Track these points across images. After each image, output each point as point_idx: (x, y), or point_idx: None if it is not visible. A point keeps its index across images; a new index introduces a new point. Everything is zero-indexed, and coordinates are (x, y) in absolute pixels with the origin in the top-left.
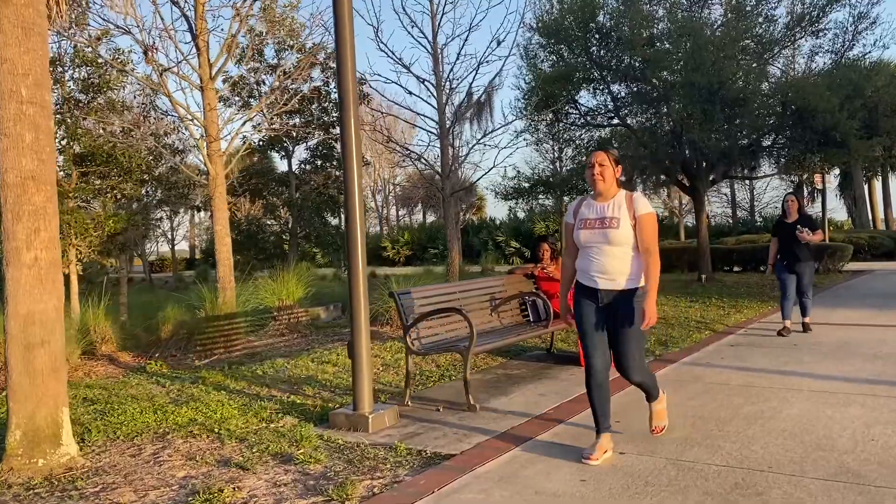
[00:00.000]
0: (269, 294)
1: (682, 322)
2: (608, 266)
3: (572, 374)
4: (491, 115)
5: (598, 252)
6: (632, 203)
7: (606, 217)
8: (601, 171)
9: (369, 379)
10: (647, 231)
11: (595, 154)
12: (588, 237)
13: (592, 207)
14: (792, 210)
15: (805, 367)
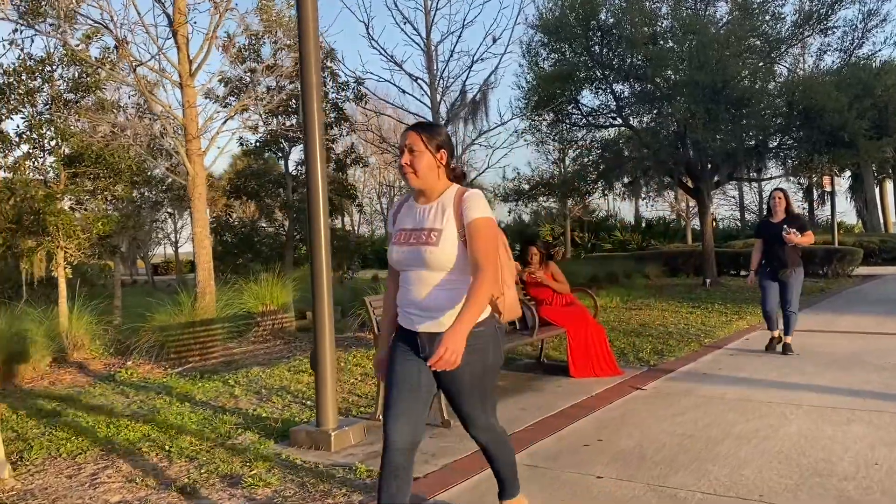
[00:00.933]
0: (253, 298)
1: (681, 329)
2: (427, 299)
3: (559, 385)
4: (486, 115)
5: (415, 279)
6: (461, 205)
7: (424, 228)
8: (412, 160)
9: (333, 392)
10: (478, 242)
11: (405, 134)
12: (401, 257)
13: (412, 212)
14: (778, 208)
15: (807, 379)
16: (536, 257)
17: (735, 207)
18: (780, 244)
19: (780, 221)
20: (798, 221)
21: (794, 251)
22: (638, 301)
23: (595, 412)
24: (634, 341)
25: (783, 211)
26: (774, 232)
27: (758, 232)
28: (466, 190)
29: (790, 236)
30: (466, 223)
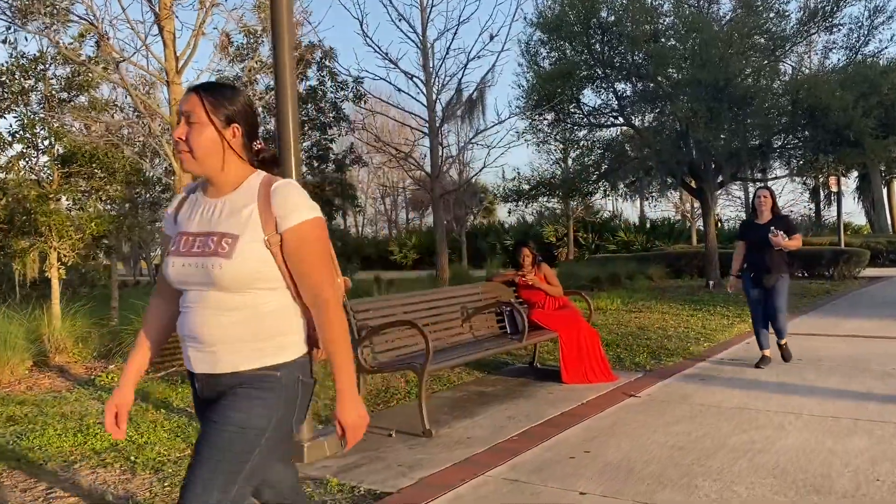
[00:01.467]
0: None
1: (681, 333)
2: (213, 330)
3: (550, 391)
4: (483, 113)
5: (198, 302)
6: (269, 201)
7: (213, 233)
8: (188, 134)
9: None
10: (309, 255)
11: (185, 97)
12: (180, 272)
13: (198, 210)
14: (764, 208)
15: (808, 386)
16: (528, 259)
17: (740, 208)
18: (766, 247)
19: (766, 223)
20: (785, 223)
21: (781, 255)
22: (639, 303)
23: (585, 421)
24: (632, 345)
25: (769, 211)
26: (759, 234)
27: (741, 233)
28: (275, 180)
29: (777, 239)
30: (285, 228)
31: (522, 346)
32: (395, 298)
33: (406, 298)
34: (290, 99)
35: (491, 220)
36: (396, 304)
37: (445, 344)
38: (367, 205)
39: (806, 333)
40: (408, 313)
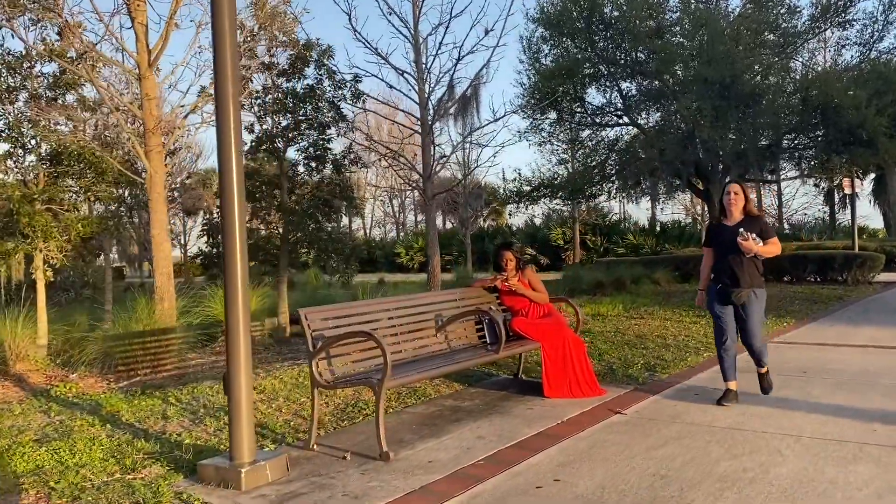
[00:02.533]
0: (219, 305)
1: (681, 341)
2: None
3: (530, 407)
4: (477, 111)
5: None
6: None
7: None
8: None
9: (249, 420)
10: None
11: None
12: None
13: None
14: (733, 207)
15: (811, 403)
16: (511, 263)
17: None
18: (735, 254)
19: (736, 224)
20: (758, 224)
21: (753, 264)
22: (641, 309)
23: (561, 442)
24: (627, 354)
25: (740, 211)
26: (727, 238)
27: (707, 238)
28: None
29: (748, 243)
30: None
31: (498, 358)
32: (357, 305)
33: (371, 305)
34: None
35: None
36: (360, 312)
37: (413, 356)
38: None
39: (814, 343)
40: (372, 322)
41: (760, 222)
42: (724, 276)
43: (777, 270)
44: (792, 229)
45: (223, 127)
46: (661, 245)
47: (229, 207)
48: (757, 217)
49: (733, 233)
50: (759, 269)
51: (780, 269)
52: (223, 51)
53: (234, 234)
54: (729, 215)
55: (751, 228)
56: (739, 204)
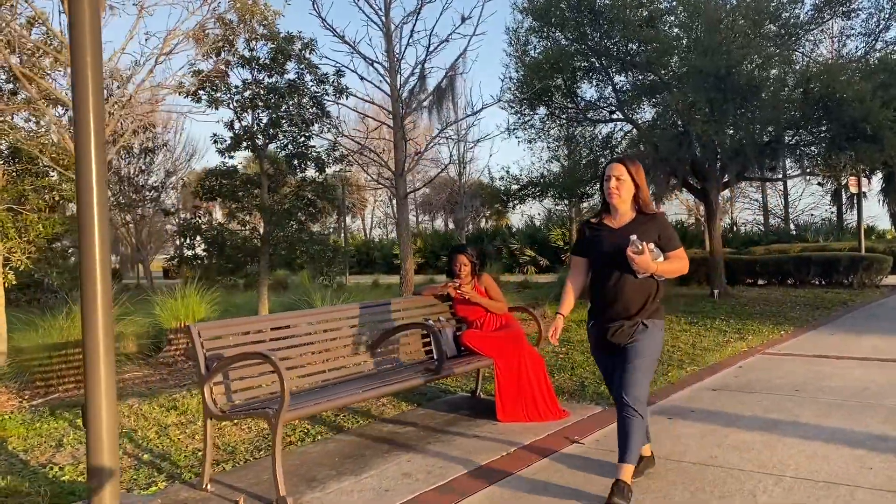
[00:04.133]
0: (167, 313)
1: (666, 352)
2: None
3: (479, 433)
4: (454, 104)
5: None
6: None
7: None
8: None
9: (113, 460)
10: None
11: None
12: None
13: None
14: (616, 198)
15: (800, 431)
16: (466, 268)
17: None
18: (621, 272)
19: (624, 227)
20: (657, 228)
21: (645, 287)
22: None
23: (497, 483)
24: None
25: (628, 206)
26: (609, 247)
27: (577, 243)
28: None
29: (643, 258)
30: None
31: (438, 378)
32: (272, 319)
33: (290, 318)
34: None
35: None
36: (275, 327)
37: (341, 376)
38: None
39: (811, 355)
40: (291, 338)
41: (659, 224)
42: (604, 302)
43: (780, 273)
44: (798, 230)
45: (79, 97)
46: None
47: (86, 210)
48: (654, 217)
49: (620, 240)
50: (654, 293)
51: (783, 272)
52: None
53: (94, 245)
54: (613, 211)
55: (646, 234)
56: (626, 194)
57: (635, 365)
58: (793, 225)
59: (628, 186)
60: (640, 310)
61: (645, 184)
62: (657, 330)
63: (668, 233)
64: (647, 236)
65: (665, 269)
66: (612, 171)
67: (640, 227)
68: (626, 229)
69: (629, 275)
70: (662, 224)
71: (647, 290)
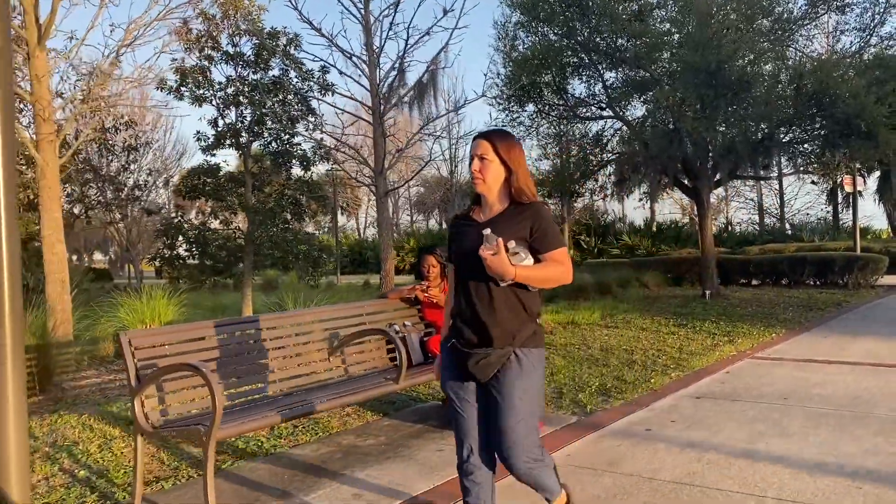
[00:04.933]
0: (132, 315)
1: (651, 356)
2: None
3: (441, 448)
4: (435, 99)
5: None
6: None
7: None
8: None
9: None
10: None
11: None
12: None
13: None
14: (481, 182)
15: (785, 445)
16: (434, 270)
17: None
18: (480, 280)
19: (485, 222)
20: (529, 221)
21: (517, 300)
22: (620, 316)
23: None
24: (584, 374)
25: (501, 191)
26: (472, 246)
27: (448, 249)
28: None
29: (497, 259)
30: None
31: (398, 389)
32: (217, 325)
33: (233, 325)
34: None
35: None
36: (221, 334)
37: (295, 386)
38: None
39: (802, 359)
40: (241, 343)
41: (534, 216)
42: (461, 321)
43: (774, 274)
44: (793, 230)
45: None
46: (657, 246)
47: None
48: (530, 207)
49: (475, 235)
50: (528, 308)
51: (777, 273)
52: None
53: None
54: (483, 203)
55: (513, 228)
56: (492, 179)
57: (510, 410)
58: (788, 224)
59: (496, 170)
60: (509, 332)
61: (522, 166)
62: (535, 364)
63: (543, 228)
64: (514, 231)
65: (531, 275)
66: (475, 149)
67: (508, 221)
68: (487, 225)
69: (491, 283)
70: (538, 216)
71: (519, 305)
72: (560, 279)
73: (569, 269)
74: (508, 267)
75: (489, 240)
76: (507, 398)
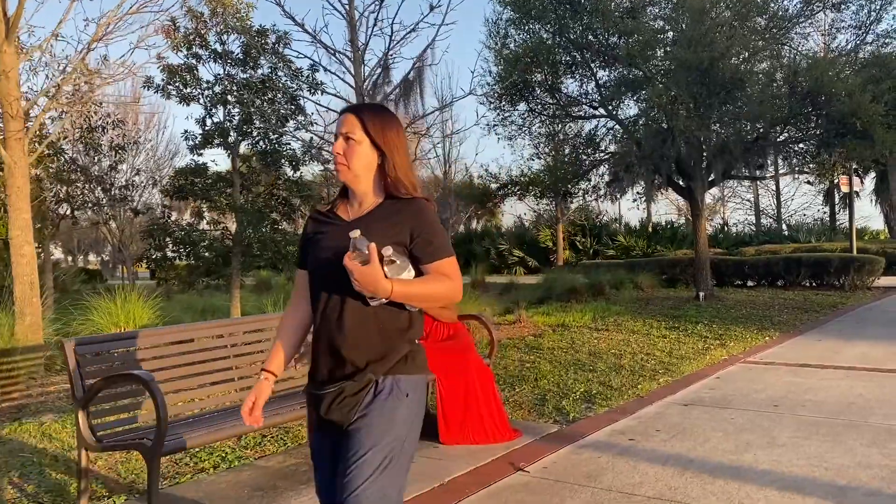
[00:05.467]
0: (105, 318)
1: (639, 361)
2: None
3: (414, 459)
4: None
5: None
6: None
7: None
8: None
9: None
10: None
11: None
12: None
13: None
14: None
15: (774, 456)
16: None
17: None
18: (342, 294)
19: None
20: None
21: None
22: (611, 319)
23: None
24: (569, 379)
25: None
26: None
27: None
28: None
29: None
30: None
31: None
32: (166, 331)
33: (193, 330)
34: None
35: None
36: (173, 341)
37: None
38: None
39: (795, 364)
40: (195, 352)
41: (415, 216)
42: (320, 350)
43: (770, 275)
44: (790, 230)
45: None
46: (653, 247)
47: None
48: (409, 204)
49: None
50: (401, 326)
51: (773, 274)
52: None
53: None
54: (351, 196)
55: (387, 232)
56: (359, 164)
57: (366, 460)
58: (785, 225)
59: (365, 154)
60: (374, 356)
61: (401, 151)
62: (409, 396)
63: (427, 231)
64: (390, 235)
65: (412, 292)
66: (339, 125)
67: (382, 221)
68: (356, 224)
69: (357, 300)
70: (420, 216)
71: (390, 323)
72: (447, 297)
73: (458, 284)
74: (383, 282)
75: (358, 244)
76: (362, 442)
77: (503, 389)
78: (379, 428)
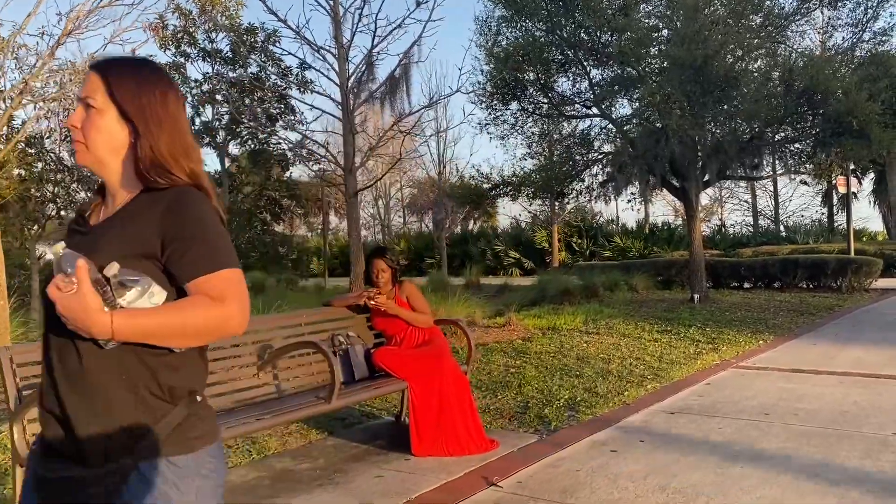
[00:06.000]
0: None
1: (628, 366)
2: None
3: (383, 472)
4: (408, 94)
5: None
6: None
7: None
8: None
9: None
10: None
11: None
12: None
13: None
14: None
15: (765, 465)
16: (385, 275)
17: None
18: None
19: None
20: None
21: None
22: (603, 321)
23: None
24: (554, 385)
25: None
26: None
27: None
28: None
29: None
30: None
31: (332, 409)
32: None
33: None
34: None
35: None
36: None
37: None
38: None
39: (788, 369)
40: None
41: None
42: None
43: (766, 276)
44: (787, 232)
45: None
46: (650, 248)
47: None
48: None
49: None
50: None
51: (769, 275)
52: None
53: None
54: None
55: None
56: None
57: None
58: (783, 226)
59: (108, 128)
60: (120, 433)
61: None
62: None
63: (185, 233)
64: (126, 244)
65: (149, 327)
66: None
67: (122, 225)
68: (101, 230)
69: (89, 342)
70: (175, 210)
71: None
72: (213, 329)
73: (232, 309)
74: (96, 315)
75: (63, 264)
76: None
77: (485, 396)
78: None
